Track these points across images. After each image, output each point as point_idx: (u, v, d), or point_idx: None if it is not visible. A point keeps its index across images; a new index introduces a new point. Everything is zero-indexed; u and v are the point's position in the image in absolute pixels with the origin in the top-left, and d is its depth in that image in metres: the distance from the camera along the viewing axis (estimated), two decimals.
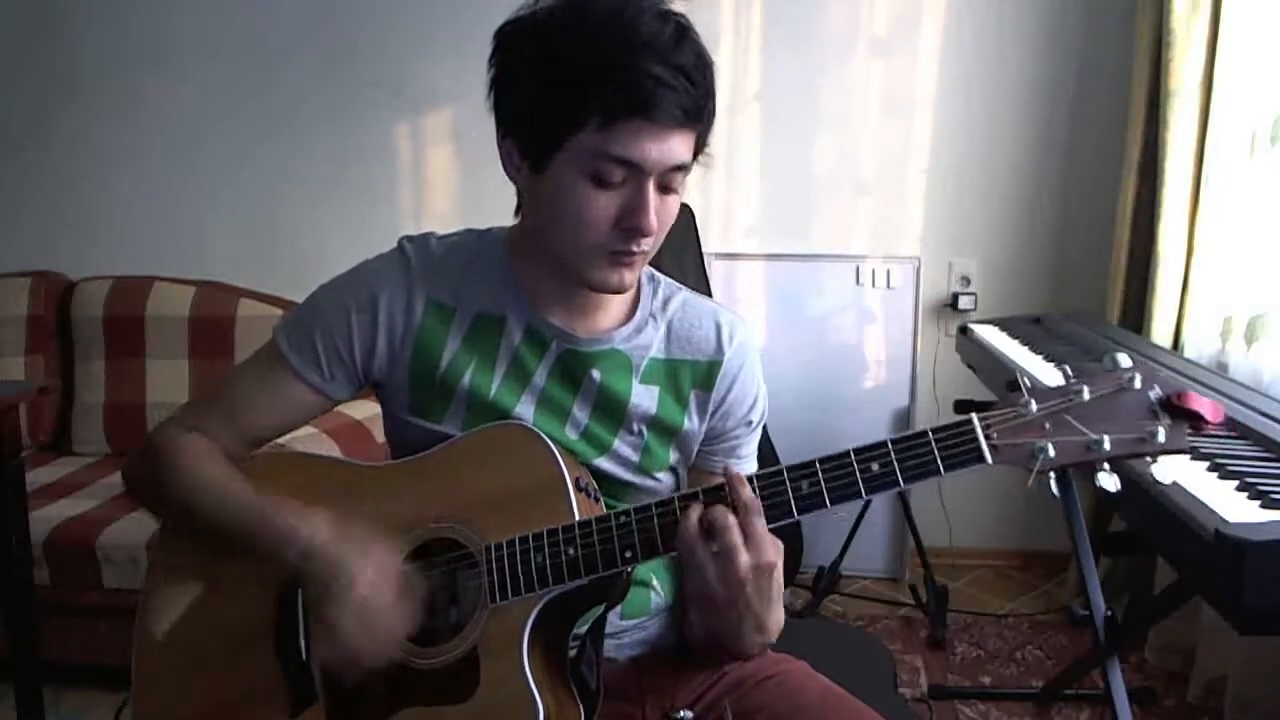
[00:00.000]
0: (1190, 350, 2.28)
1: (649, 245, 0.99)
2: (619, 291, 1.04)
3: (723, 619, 0.94)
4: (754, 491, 0.92)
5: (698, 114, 0.94)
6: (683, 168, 0.96)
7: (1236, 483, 1.18)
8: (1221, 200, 2.23)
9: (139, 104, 3.01)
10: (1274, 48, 2.13)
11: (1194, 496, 1.13)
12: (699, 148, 0.99)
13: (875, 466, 0.90)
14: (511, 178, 1.03)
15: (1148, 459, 0.87)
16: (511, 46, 0.97)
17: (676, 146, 0.94)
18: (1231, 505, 1.11)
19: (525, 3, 0.97)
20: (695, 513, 0.92)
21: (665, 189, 0.97)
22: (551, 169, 0.96)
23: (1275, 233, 2.13)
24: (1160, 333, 2.32)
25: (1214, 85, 2.20)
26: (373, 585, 0.96)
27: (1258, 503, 1.12)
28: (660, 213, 0.97)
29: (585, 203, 0.95)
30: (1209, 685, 2.16)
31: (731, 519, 0.90)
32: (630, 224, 0.96)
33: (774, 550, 0.91)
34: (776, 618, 0.95)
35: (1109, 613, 1.96)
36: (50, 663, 2.04)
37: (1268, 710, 1.99)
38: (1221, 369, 2.14)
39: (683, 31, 0.94)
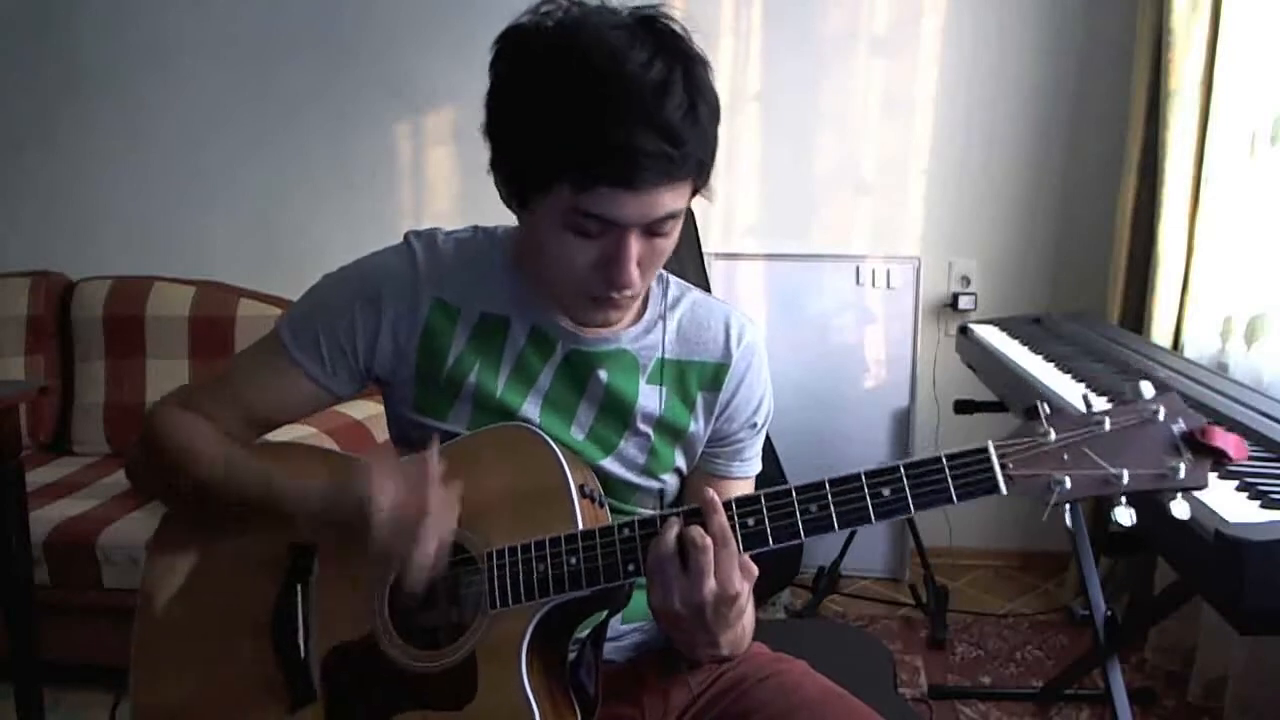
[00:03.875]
0: (1190, 350, 2.28)
1: (632, 291, 0.97)
2: (604, 326, 1.05)
3: (677, 630, 0.93)
4: (762, 510, 0.90)
5: (684, 171, 0.90)
6: (671, 216, 0.93)
7: (1236, 483, 1.18)
8: (1221, 200, 2.22)
9: (139, 104, 3.02)
10: (1274, 48, 2.12)
11: (1194, 496, 1.12)
12: (697, 190, 0.96)
13: (886, 491, 0.88)
14: (504, 202, 1.01)
15: (1166, 495, 0.85)
16: (503, 67, 0.94)
17: (661, 202, 0.90)
18: (1231, 505, 1.11)
19: (531, 4, 0.93)
20: (673, 529, 0.90)
21: (654, 233, 0.95)
22: (533, 211, 0.95)
23: (1275, 233, 2.13)
24: (1160, 333, 2.32)
25: (1214, 85, 2.20)
26: (385, 488, 0.92)
27: (1258, 503, 1.12)
28: (646, 258, 0.95)
29: (565, 250, 0.94)
30: (1209, 685, 2.16)
31: (707, 541, 0.88)
32: (608, 276, 0.95)
33: (740, 581, 0.89)
34: (732, 638, 0.95)
35: (1109, 613, 1.96)
36: (50, 663, 2.04)
37: (1268, 710, 1.99)
38: (1221, 369, 2.13)
39: (674, 75, 0.88)
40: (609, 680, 1.06)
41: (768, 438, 1.19)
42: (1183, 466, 0.83)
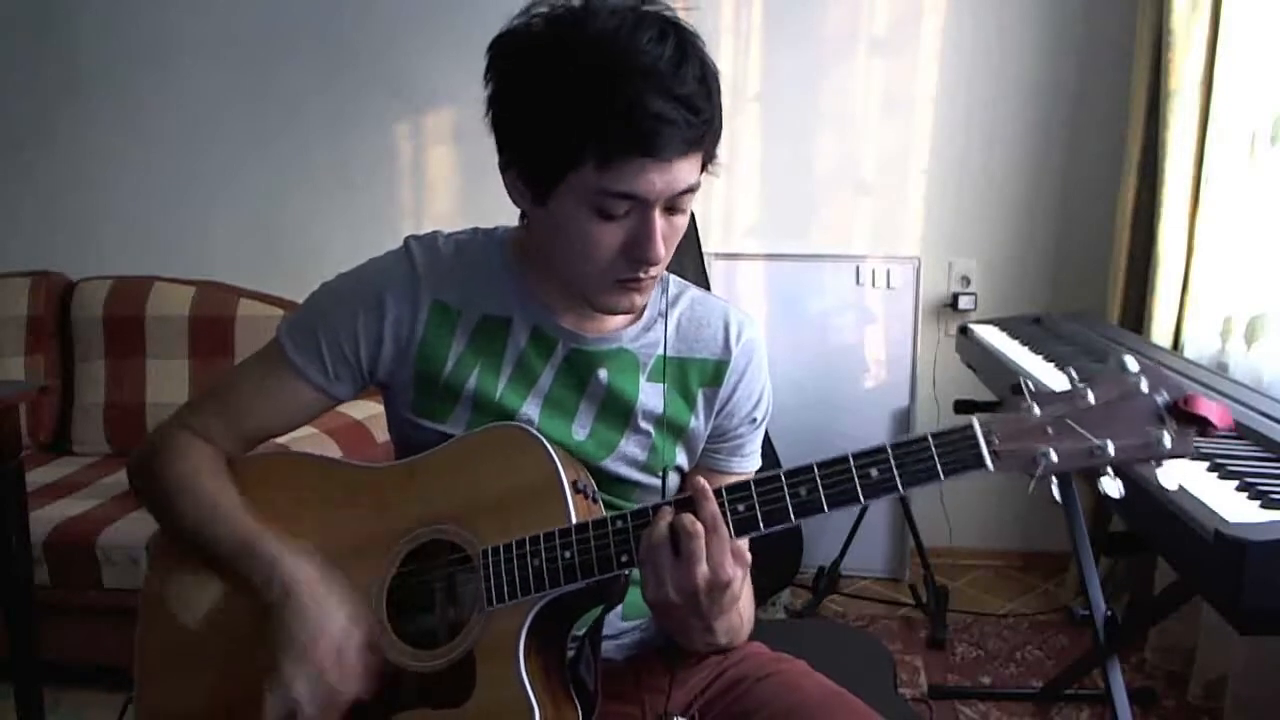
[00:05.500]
0: (1190, 350, 2.28)
1: (656, 270, 0.99)
2: (629, 313, 1.05)
3: (671, 619, 0.94)
4: (753, 496, 0.91)
5: (702, 139, 0.93)
6: (691, 189, 0.95)
7: (1236, 483, 1.18)
8: (1221, 200, 2.22)
9: (139, 104, 3.02)
10: (1274, 48, 2.13)
11: (1194, 496, 1.13)
12: (706, 163, 0.97)
13: (874, 472, 0.89)
14: (516, 203, 1.01)
15: (1153, 464, 0.86)
16: (506, 65, 0.95)
17: (682, 173, 0.92)
18: (1231, 505, 1.11)
19: (521, 8, 0.94)
20: (665, 518, 0.91)
21: (672, 210, 0.96)
22: (554, 201, 0.95)
23: (1275, 233, 2.13)
24: (1160, 333, 2.32)
25: (1214, 85, 2.20)
26: (332, 654, 0.96)
27: (1258, 503, 1.12)
28: (667, 236, 0.96)
29: (590, 235, 0.94)
30: (1209, 685, 2.16)
31: (699, 527, 0.89)
32: (637, 254, 0.95)
33: (732, 567, 0.90)
34: (728, 626, 0.96)
35: (1109, 613, 1.96)
36: (50, 663, 2.04)
37: (1268, 710, 1.99)
38: (1221, 369, 2.13)
39: (684, 50, 0.90)
40: (609, 679, 1.07)
41: (768, 438, 1.20)
42: (1167, 435, 0.84)
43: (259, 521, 1.04)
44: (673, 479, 1.13)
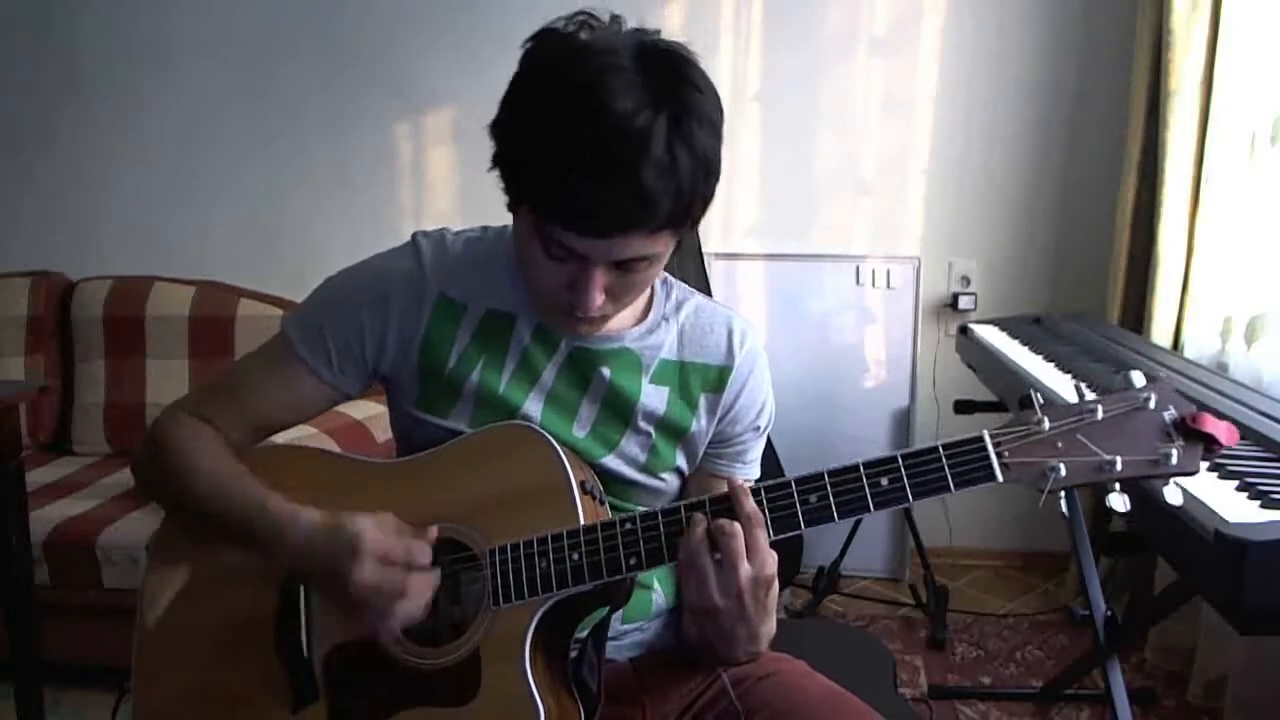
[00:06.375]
0: (1190, 350, 2.28)
1: (599, 314, 0.97)
2: (585, 336, 1.05)
3: (718, 627, 0.94)
4: (763, 502, 0.92)
5: (653, 224, 0.87)
6: (644, 258, 0.92)
7: (1236, 483, 1.18)
8: (1221, 200, 2.23)
9: (139, 104, 3.02)
10: (1274, 48, 2.13)
11: (1194, 496, 1.13)
12: (680, 234, 0.93)
13: (884, 481, 0.89)
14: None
15: (1159, 481, 0.86)
16: (518, 71, 0.92)
17: (629, 246, 0.89)
18: (1231, 505, 1.11)
19: (561, 15, 0.92)
20: (701, 523, 0.91)
21: (627, 270, 0.93)
22: (517, 215, 0.96)
23: (1275, 233, 2.13)
24: (1160, 333, 2.32)
25: (1214, 85, 2.20)
26: (376, 541, 0.94)
27: (1258, 503, 1.12)
28: (619, 288, 0.95)
29: (537, 263, 0.94)
30: (1209, 685, 2.16)
31: (736, 528, 0.90)
32: (573, 298, 0.94)
33: (773, 563, 0.91)
34: (769, 628, 0.96)
35: (1109, 613, 1.96)
36: (50, 663, 2.04)
37: (1268, 710, 1.99)
38: (1221, 369, 2.14)
39: (655, 125, 0.84)
40: (610, 680, 1.06)
41: (768, 438, 1.20)
42: (1174, 452, 0.85)
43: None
44: (675, 481, 1.14)
